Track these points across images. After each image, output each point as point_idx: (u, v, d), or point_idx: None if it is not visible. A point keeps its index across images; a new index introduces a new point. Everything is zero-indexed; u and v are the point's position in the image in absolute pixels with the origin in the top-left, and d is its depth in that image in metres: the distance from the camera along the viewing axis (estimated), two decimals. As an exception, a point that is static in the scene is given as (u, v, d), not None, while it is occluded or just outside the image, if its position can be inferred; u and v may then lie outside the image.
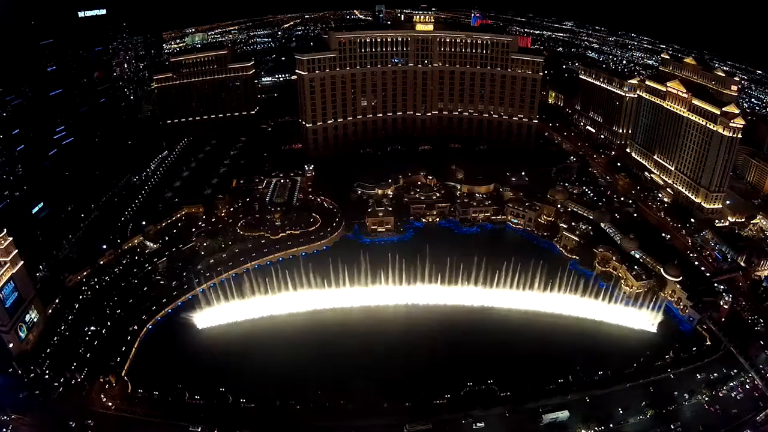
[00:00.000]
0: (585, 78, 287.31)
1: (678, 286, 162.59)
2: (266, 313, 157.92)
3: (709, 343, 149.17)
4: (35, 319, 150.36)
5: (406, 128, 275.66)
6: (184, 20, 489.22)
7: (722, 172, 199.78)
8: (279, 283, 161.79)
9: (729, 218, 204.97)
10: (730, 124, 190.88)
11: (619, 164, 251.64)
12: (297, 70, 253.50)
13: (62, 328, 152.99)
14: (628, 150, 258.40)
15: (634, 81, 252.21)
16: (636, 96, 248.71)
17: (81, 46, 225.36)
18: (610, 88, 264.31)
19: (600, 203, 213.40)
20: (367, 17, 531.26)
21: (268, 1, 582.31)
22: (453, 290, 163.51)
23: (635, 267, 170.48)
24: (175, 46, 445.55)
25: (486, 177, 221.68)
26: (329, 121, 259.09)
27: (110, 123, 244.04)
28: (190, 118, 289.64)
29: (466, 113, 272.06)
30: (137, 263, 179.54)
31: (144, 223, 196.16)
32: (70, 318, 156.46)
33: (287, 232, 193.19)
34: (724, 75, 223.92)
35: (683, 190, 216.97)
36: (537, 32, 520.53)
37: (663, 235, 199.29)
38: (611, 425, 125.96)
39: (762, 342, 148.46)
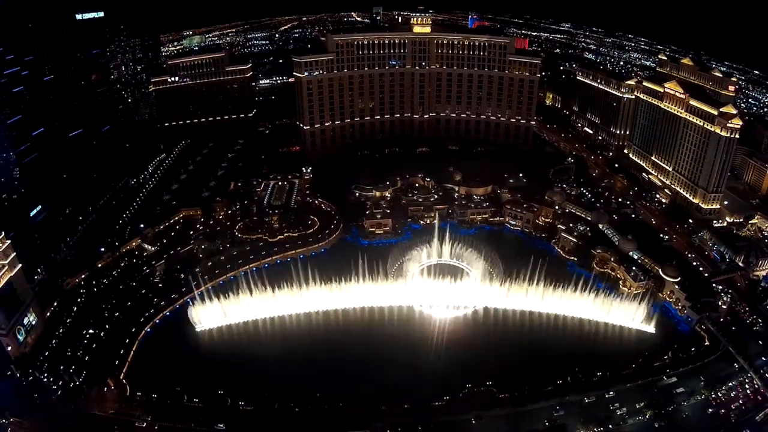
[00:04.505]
0: (582, 79, 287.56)
1: (676, 286, 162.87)
2: (264, 316, 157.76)
3: (707, 343, 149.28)
4: (33, 322, 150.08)
5: (403, 130, 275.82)
6: (182, 23, 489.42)
7: (720, 172, 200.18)
8: (277, 285, 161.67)
9: (727, 218, 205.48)
10: (728, 125, 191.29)
11: (616, 165, 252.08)
12: (294, 73, 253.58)
13: (60, 331, 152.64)
14: (625, 151, 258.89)
15: (631, 82, 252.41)
16: (633, 97, 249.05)
17: (78, 48, 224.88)
18: (608, 90, 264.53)
19: (598, 204, 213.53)
20: (365, 19, 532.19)
21: (266, 3, 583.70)
22: (452, 291, 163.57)
23: (633, 268, 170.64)
24: (173, 48, 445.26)
25: (484, 179, 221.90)
26: (327, 123, 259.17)
27: (108, 125, 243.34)
28: (188, 121, 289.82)
29: (464, 115, 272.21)
30: (135, 266, 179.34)
31: (142, 225, 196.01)
32: (68, 321, 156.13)
33: (285, 234, 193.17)
34: (721, 75, 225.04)
35: (681, 191, 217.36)
36: (534, 34, 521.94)
37: (661, 235, 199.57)
38: (610, 425, 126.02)
39: (761, 342, 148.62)
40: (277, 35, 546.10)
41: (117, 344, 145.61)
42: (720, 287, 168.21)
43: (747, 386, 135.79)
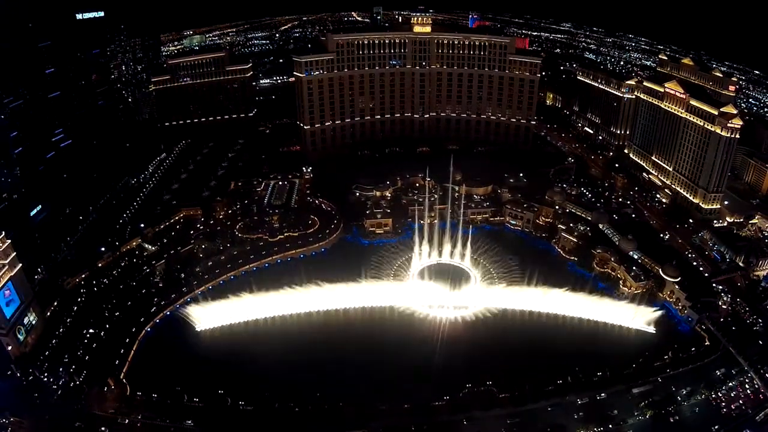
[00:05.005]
0: (583, 79, 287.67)
1: (677, 286, 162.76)
2: (265, 316, 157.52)
3: (707, 343, 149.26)
4: (33, 322, 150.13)
5: (404, 130, 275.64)
6: (182, 22, 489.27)
7: (720, 172, 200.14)
8: (277, 285, 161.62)
9: (727, 218, 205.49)
10: (728, 125, 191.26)
11: (617, 165, 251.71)
12: (295, 72, 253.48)
13: (61, 330, 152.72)
14: (626, 151, 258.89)
15: (631, 82, 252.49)
16: (634, 97, 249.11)
17: (79, 48, 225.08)
18: (608, 89, 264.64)
19: (598, 204, 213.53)
20: (365, 19, 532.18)
21: (266, 3, 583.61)
22: (452, 291, 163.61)
23: (634, 268, 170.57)
24: (173, 48, 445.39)
25: (484, 178, 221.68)
26: (327, 123, 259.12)
27: (108, 125, 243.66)
28: (188, 121, 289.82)
29: (464, 115, 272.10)
30: (135, 266, 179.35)
31: (142, 225, 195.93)
32: (68, 320, 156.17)
33: (285, 234, 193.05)
34: (721, 75, 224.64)
35: (681, 191, 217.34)
36: (535, 34, 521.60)
37: (661, 235, 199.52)
38: (610, 425, 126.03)
39: (761, 342, 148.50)
40: (277, 35, 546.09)
41: (117, 344, 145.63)
42: (720, 287, 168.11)
43: (747, 386, 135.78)
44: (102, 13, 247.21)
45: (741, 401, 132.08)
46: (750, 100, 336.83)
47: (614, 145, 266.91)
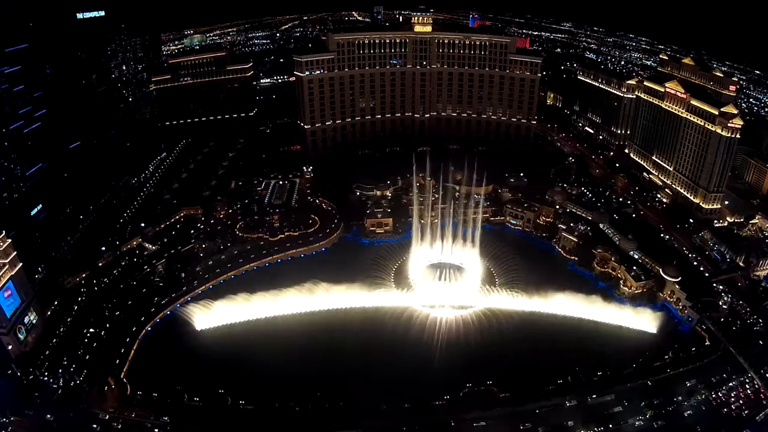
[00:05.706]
0: (583, 79, 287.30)
1: (677, 286, 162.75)
2: (265, 315, 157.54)
3: (708, 343, 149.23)
4: (34, 321, 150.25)
5: (404, 129, 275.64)
6: (183, 22, 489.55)
7: (721, 172, 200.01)
8: (278, 284, 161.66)
9: (728, 218, 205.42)
10: (729, 125, 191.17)
11: (617, 165, 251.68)
12: (295, 72, 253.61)
13: (61, 330, 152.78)
14: (626, 151, 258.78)
15: (632, 82, 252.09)
16: (634, 97, 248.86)
17: (79, 47, 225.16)
18: (609, 89, 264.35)
19: (599, 204, 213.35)
20: (366, 18, 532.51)
21: (267, 2, 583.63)
22: (452, 291, 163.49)
23: (634, 267, 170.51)
24: (174, 47, 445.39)
25: (484, 178, 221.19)
26: (328, 123, 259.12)
27: (109, 125, 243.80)
28: (189, 120, 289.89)
29: (465, 114, 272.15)
30: (136, 265, 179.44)
31: (143, 225, 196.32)
32: (68, 320, 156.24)
33: (286, 233, 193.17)
34: (722, 75, 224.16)
35: (682, 191, 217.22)
36: (535, 33, 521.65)
37: (662, 235, 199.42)
38: (611, 425, 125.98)
39: (761, 342, 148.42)
40: (278, 34, 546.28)
41: (118, 343, 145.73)
42: (720, 287, 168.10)
43: (747, 386, 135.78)
44: (102, 13, 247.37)
45: (741, 401, 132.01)
46: (750, 100, 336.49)
47: (615, 145, 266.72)
